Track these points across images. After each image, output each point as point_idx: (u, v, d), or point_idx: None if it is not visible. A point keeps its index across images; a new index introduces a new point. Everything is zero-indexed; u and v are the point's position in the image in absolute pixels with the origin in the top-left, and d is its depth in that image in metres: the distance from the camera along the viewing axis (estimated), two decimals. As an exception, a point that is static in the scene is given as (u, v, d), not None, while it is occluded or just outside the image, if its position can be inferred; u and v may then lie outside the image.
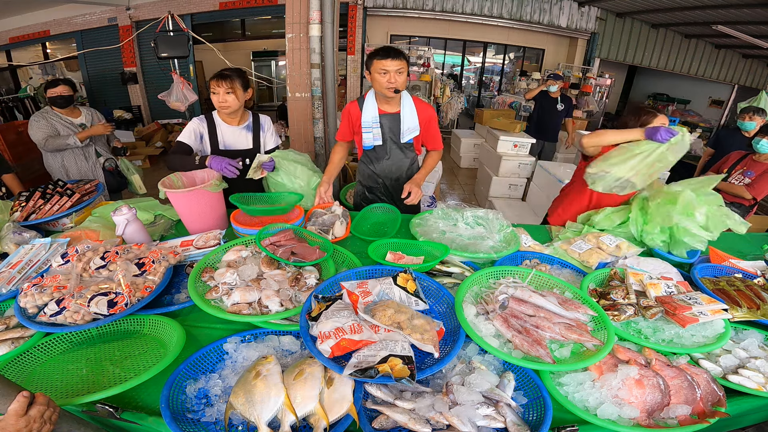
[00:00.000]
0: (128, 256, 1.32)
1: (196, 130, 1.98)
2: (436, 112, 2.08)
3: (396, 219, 1.88)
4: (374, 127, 1.97)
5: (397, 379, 0.85)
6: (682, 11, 6.80)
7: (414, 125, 1.99)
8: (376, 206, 2.01)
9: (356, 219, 1.86)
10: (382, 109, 1.97)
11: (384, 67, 1.78)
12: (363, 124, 1.96)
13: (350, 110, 2.02)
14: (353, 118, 2.02)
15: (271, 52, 11.10)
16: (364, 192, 2.23)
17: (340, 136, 2.12)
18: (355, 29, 7.37)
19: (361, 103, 1.98)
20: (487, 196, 4.63)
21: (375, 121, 1.96)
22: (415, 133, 2.01)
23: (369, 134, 1.98)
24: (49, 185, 1.81)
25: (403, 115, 1.96)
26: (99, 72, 7.66)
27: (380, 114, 1.97)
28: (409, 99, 1.97)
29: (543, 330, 1.08)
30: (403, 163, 2.11)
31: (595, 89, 8.32)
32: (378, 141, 2.00)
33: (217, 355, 1.06)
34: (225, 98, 1.89)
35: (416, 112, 1.98)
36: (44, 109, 2.68)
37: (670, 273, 1.50)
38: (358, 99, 2.03)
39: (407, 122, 1.97)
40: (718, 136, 3.74)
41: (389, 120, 1.99)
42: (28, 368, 1.04)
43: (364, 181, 2.22)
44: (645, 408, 0.95)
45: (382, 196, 2.20)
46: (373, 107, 1.95)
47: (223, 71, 1.90)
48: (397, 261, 1.43)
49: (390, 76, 1.79)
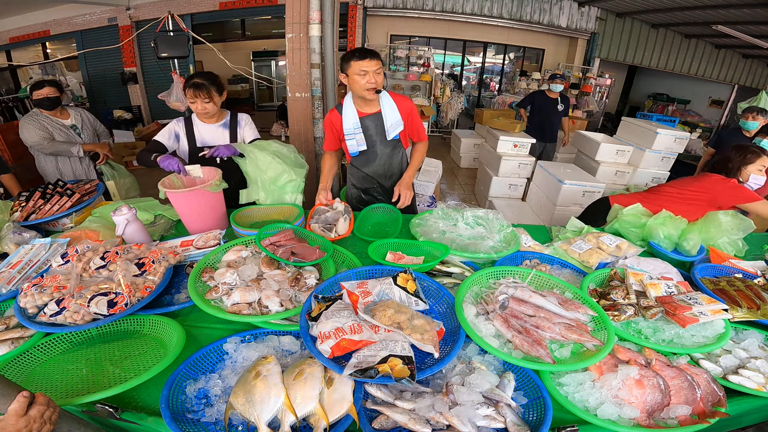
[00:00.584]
0: (128, 256, 1.32)
1: (172, 130, 2.02)
2: (414, 104, 2.05)
3: (397, 219, 1.87)
4: (357, 133, 1.96)
5: (397, 380, 0.85)
6: (682, 11, 6.80)
7: (397, 120, 1.97)
8: (378, 206, 2.00)
9: (357, 220, 1.85)
10: (362, 111, 1.95)
11: (363, 67, 1.76)
12: (345, 131, 1.95)
13: (332, 119, 2.01)
14: (336, 127, 2.00)
15: (271, 52, 11.08)
16: (359, 195, 2.21)
17: (327, 145, 2.10)
18: (355, 29, 7.37)
19: (340, 110, 1.96)
20: (487, 196, 4.63)
21: (356, 126, 1.95)
22: (399, 128, 1.99)
23: (353, 141, 1.96)
24: (49, 185, 1.81)
25: (385, 113, 1.94)
26: (99, 72, 7.65)
27: (362, 117, 1.95)
28: (386, 95, 1.95)
29: (543, 330, 1.08)
30: (394, 160, 2.11)
31: (595, 89, 8.33)
32: (362, 146, 1.99)
33: (217, 356, 1.06)
34: (204, 107, 1.94)
35: (396, 107, 1.95)
36: (33, 111, 2.62)
37: (670, 273, 1.50)
38: (336, 106, 2.00)
39: (390, 119, 1.95)
40: (719, 135, 3.74)
41: (372, 121, 1.97)
42: (28, 368, 1.04)
43: (358, 184, 2.19)
44: (645, 408, 0.95)
45: (380, 196, 2.18)
46: (352, 113, 1.93)
47: (195, 81, 1.91)
48: (397, 261, 1.43)
49: (369, 76, 1.78)
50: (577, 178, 3.74)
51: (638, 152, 4.42)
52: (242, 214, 1.80)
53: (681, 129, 5.19)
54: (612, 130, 5.13)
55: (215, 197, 1.68)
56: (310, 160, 3.43)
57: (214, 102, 1.96)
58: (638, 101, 11.04)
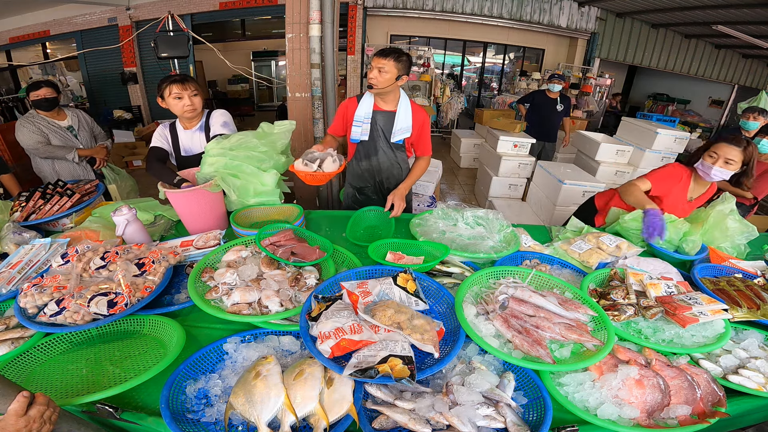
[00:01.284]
0: (128, 256, 1.32)
1: (163, 135, 1.99)
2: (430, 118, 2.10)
3: (389, 222, 1.87)
4: (365, 123, 2.00)
5: (397, 380, 0.85)
6: (682, 11, 6.79)
7: (407, 126, 2.01)
8: (370, 209, 1.98)
9: (350, 222, 1.83)
10: (378, 106, 2.01)
11: (373, 63, 1.87)
12: (355, 117, 2.00)
13: (348, 104, 2.05)
14: (349, 112, 2.04)
15: (271, 52, 11.10)
16: (354, 194, 2.25)
17: (332, 128, 2.13)
18: (355, 29, 7.36)
19: (360, 99, 2.02)
20: (487, 196, 4.63)
21: (367, 117, 2.00)
22: (406, 134, 2.03)
23: (358, 128, 2.01)
24: (49, 185, 1.81)
25: (398, 114, 1.99)
26: (99, 72, 7.65)
27: (375, 110, 2.00)
28: (407, 101, 2.01)
29: (543, 330, 1.08)
30: (393, 163, 2.12)
31: (595, 89, 8.32)
32: (365, 136, 2.03)
33: (217, 356, 1.06)
34: (192, 101, 1.88)
35: (411, 114, 2.01)
36: (30, 113, 2.61)
37: (670, 273, 1.50)
38: (357, 95, 2.05)
39: (401, 122, 2.00)
40: (719, 135, 3.74)
41: (383, 117, 2.01)
42: (28, 368, 1.04)
43: (354, 182, 2.23)
44: (645, 408, 0.95)
45: (373, 195, 2.21)
46: (369, 104, 1.99)
47: (174, 77, 1.87)
48: (397, 261, 1.43)
49: (374, 72, 1.86)
50: (577, 178, 3.74)
51: (638, 152, 4.42)
52: (242, 214, 1.80)
53: (681, 129, 5.19)
54: (612, 129, 5.13)
55: (215, 197, 1.68)
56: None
57: (200, 96, 1.93)
58: (638, 101, 11.05)
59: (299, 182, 1.95)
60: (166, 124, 2.02)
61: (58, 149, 2.58)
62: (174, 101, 1.86)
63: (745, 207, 2.66)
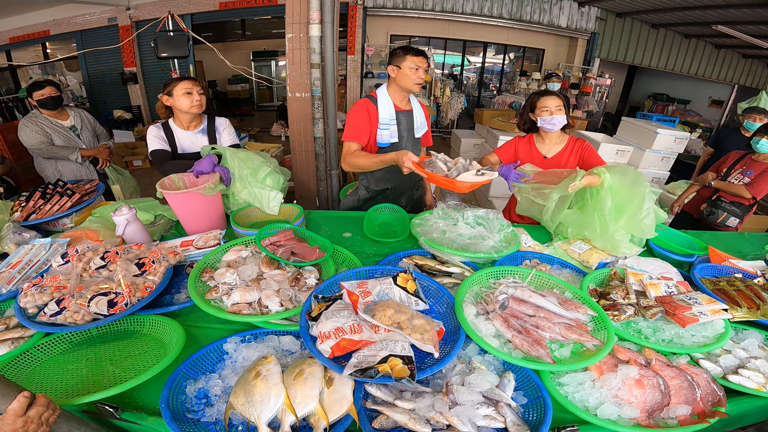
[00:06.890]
0: (128, 256, 1.32)
1: (159, 136, 1.99)
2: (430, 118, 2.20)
3: (404, 219, 1.88)
4: (391, 124, 1.98)
5: (397, 379, 0.85)
6: (682, 11, 6.80)
7: (423, 121, 2.11)
8: (383, 206, 1.98)
9: (364, 220, 1.83)
10: (398, 106, 2.01)
11: (417, 63, 1.87)
12: (381, 121, 1.96)
13: (368, 109, 1.94)
14: (372, 117, 1.96)
15: (271, 52, 11.11)
16: (366, 197, 2.17)
17: (356, 136, 1.92)
18: (355, 29, 7.37)
19: (375, 102, 1.97)
20: (487, 196, 4.63)
21: (392, 118, 1.98)
22: (424, 129, 2.13)
23: (386, 131, 1.97)
24: (49, 185, 1.81)
25: (415, 112, 2.07)
26: (99, 72, 7.66)
27: (397, 111, 2.00)
28: (414, 98, 2.09)
29: (543, 330, 1.08)
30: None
31: (595, 89, 8.32)
32: (394, 138, 2.00)
33: (217, 355, 1.06)
34: (200, 99, 1.95)
35: (422, 110, 2.11)
36: (33, 113, 2.61)
37: (670, 273, 1.50)
38: (368, 97, 1.99)
39: (418, 119, 2.08)
40: (718, 135, 3.73)
41: (405, 117, 2.03)
42: (28, 368, 1.04)
43: (370, 186, 2.14)
44: (645, 408, 0.95)
45: (385, 200, 2.13)
46: (389, 105, 1.98)
47: (184, 77, 1.95)
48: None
49: (420, 72, 1.89)
50: (577, 178, 3.73)
51: (638, 152, 4.41)
52: (242, 214, 1.80)
53: (681, 129, 5.18)
54: (612, 130, 5.13)
55: (212, 199, 1.67)
56: (310, 160, 3.43)
57: (205, 97, 1.98)
58: (638, 101, 11.05)
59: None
60: (159, 124, 2.02)
61: (61, 149, 2.59)
62: (183, 96, 1.90)
63: (744, 207, 2.65)
